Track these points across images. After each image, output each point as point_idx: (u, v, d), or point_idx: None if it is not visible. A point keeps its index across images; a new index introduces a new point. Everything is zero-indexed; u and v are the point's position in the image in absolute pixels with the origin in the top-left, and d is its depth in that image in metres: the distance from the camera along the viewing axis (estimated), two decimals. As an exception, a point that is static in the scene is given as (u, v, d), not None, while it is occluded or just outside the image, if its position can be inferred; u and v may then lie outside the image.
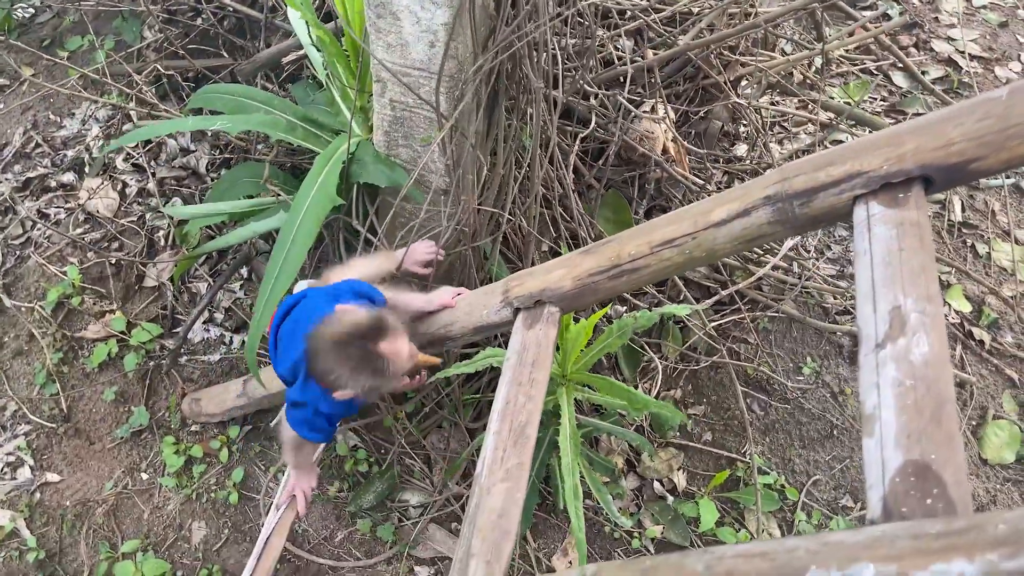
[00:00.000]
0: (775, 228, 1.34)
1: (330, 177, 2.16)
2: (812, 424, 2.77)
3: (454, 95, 1.96)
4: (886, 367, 1.05)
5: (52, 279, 2.89)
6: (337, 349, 1.55)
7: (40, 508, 2.51)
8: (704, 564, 1.02)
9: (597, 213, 2.68)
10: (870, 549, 0.91)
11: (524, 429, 1.49)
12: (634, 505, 2.64)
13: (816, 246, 3.10)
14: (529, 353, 1.60)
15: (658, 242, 1.47)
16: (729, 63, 2.81)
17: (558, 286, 1.63)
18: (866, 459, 1.03)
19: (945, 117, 1.15)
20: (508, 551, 1.36)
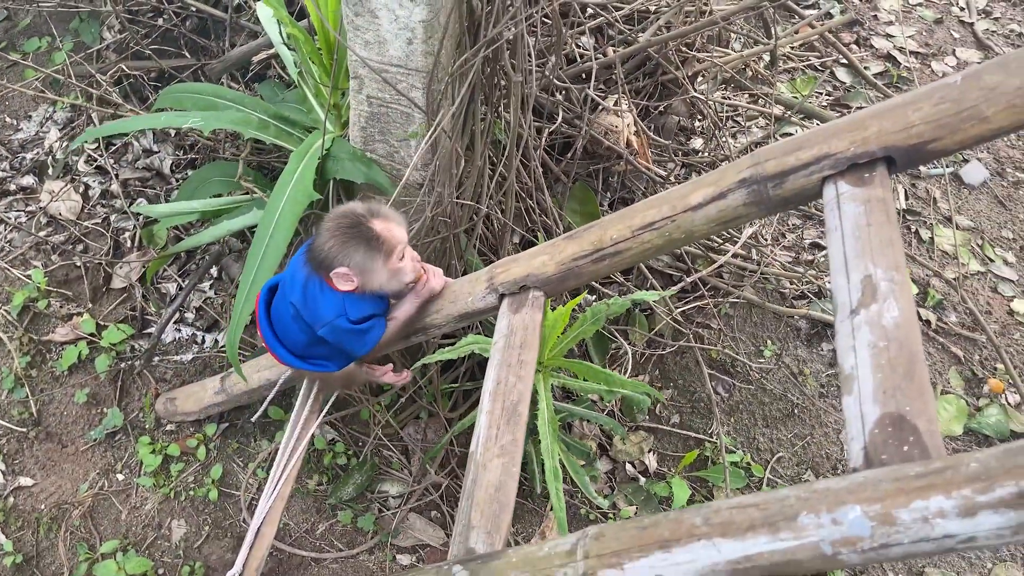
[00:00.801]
0: (750, 209, 1.43)
1: (306, 173, 2.20)
2: (774, 404, 2.90)
3: (434, 91, 2.02)
4: (861, 331, 1.15)
5: (16, 283, 2.85)
6: (333, 225, 1.67)
7: (14, 512, 2.48)
8: (702, 517, 1.11)
9: (565, 206, 2.77)
10: (855, 493, 1.00)
11: (516, 407, 1.56)
12: (608, 487, 2.72)
13: (772, 235, 3.23)
14: (517, 336, 1.67)
15: (639, 226, 1.55)
16: (687, 59, 2.92)
17: (542, 271, 1.70)
18: (847, 415, 1.12)
19: (905, 102, 1.25)
20: (507, 522, 1.42)
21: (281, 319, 1.93)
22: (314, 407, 2.08)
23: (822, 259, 3.21)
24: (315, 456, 2.64)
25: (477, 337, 2.16)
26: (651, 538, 1.14)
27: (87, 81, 3.03)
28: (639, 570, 1.13)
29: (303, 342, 1.87)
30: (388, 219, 1.70)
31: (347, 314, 1.73)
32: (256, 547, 1.86)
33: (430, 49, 1.95)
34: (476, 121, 2.23)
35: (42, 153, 3.22)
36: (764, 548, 1.04)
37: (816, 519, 1.01)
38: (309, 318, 1.78)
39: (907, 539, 0.96)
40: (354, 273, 1.68)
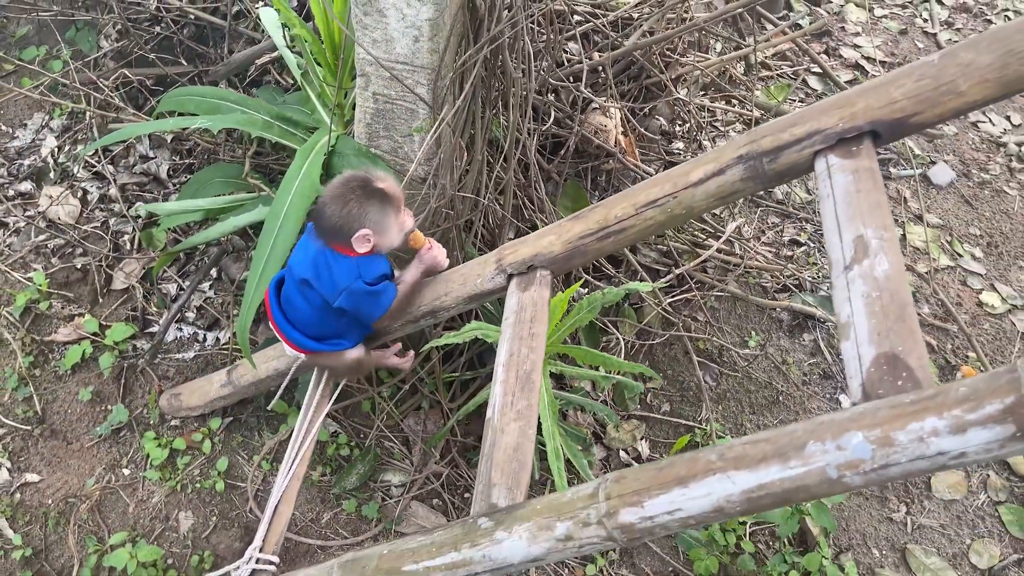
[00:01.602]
0: (747, 184, 1.54)
1: (313, 168, 2.28)
2: (760, 392, 3.01)
3: (439, 87, 2.12)
4: (855, 284, 1.26)
5: (17, 285, 2.89)
6: (343, 191, 1.77)
7: (21, 508, 2.51)
8: (717, 454, 1.21)
9: (558, 202, 2.88)
10: (856, 421, 1.11)
11: (529, 375, 1.65)
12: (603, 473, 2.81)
13: (753, 231, 3.37)
14: (527, 312, 1.76)
15: (642, 203, 1.66)
16: (670, 63, 3.06)
17: (549, 251, 1.80)
18: (845, 357, 1.23)
19: (889, 80, 1.38)
20: (526, 479, 1.51)
21: (293, 305, 2.01)
22: (325, 391, 2.15)
23: (800, 254, 3.35)
24: (318, 448, 2.70)
25: (481, 324, 2.25)
26: (669, 476, 1.23)
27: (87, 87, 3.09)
28: (658, 505, 1.22)
29: (317, 321, 1.95)
30: (386, 178, 1.84)
31: (362, 276, 1.82)
32: (274, 524, 1.92)
33: (435, 47, 2.05)
34: (476, 118, 2.34)
35: (39, 160, 3.27)
36: (776, 476, 1.14)
37: (822, 446, 1.11)
38: (325, 290, 1.86)
39: (904, 458, 1.06)
40: (372, 233, 1.78)
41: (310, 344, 1.99)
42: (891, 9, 4.75)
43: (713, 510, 1.19)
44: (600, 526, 1.27)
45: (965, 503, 2.83)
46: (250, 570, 1.82)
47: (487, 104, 2.42)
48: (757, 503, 1.16)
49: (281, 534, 1.91)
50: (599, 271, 2.95)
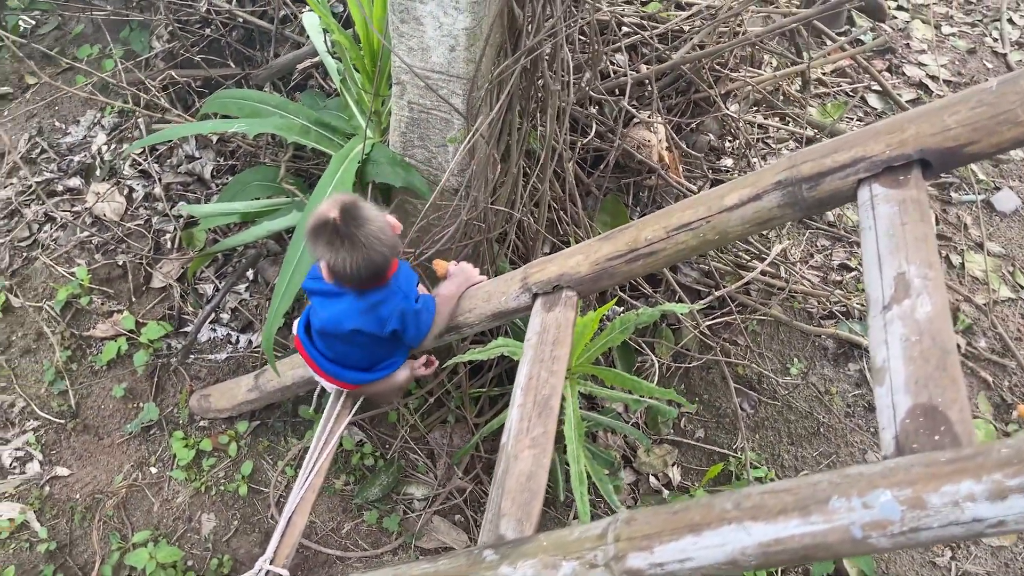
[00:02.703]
0: (784, 211, 1.46)
1: (347, 175, 2.26)
2: (800, 422, 2.89)
3: (474, 98, 2.07)
4: (893, 325, 1.17)
5: (60, 280, 2.94)
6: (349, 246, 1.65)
7: (50, 501, 2.54)
8: (733, 502, 1.13)
9: (596, 217, 2.81)
10: (887, 478, 1.02)
11: (548, 401, 1.59)
12: (631, 499, 2.73)
13: (801, 254, 3.24)
14: (549, 333, 1.70)
15: (674, 226, 1.58)
16: (719, 78, 2.97)
17: (576, 271, 1.74)
18: (878, 406, 1.14)
19: (942, 106, 1.28)
20: (537, 510, 1.45)
21: (337, 351, 1.97)
22: (346, 403, 2.12)
23: (850, 279, 3.21)
24: (343, 456, 2.68)
25: (507, 340, 2.19)
26: (682, 522, 1.16)
27: (136, 87, 3.13)
28: (669, 553, 1.15)
29: (368, 354, 1.92)
30: (332, 203, 1.68)
31: (406, 294, 1.79)
32: (287, 535, 1.89)
33: (472, 56, 2.01)
34: (512, 130, 2.29)
35: (89, 156, 3.32)
36: (795, 531, 1.06)
37: (847, 503, 1.03)
38: (377, 327, 1.82)
39: (936, 523, 0.97)
40: (391, 250, 1.73)
41: (365, 377, 1.97)
42: (959, 27, 4.56)
43: (726, 561, 1.11)
44: (607, 569, 1.20)
45: (1014, 551, 2.67)
46: (259, 583, 1.79)
47: (525, 116, 2.37)
48: (774, 558, 1.08)
49: (293, 546, 1.88)
50: (636, 289, 2.87)
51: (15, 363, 2.80)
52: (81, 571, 2.42)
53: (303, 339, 1.98)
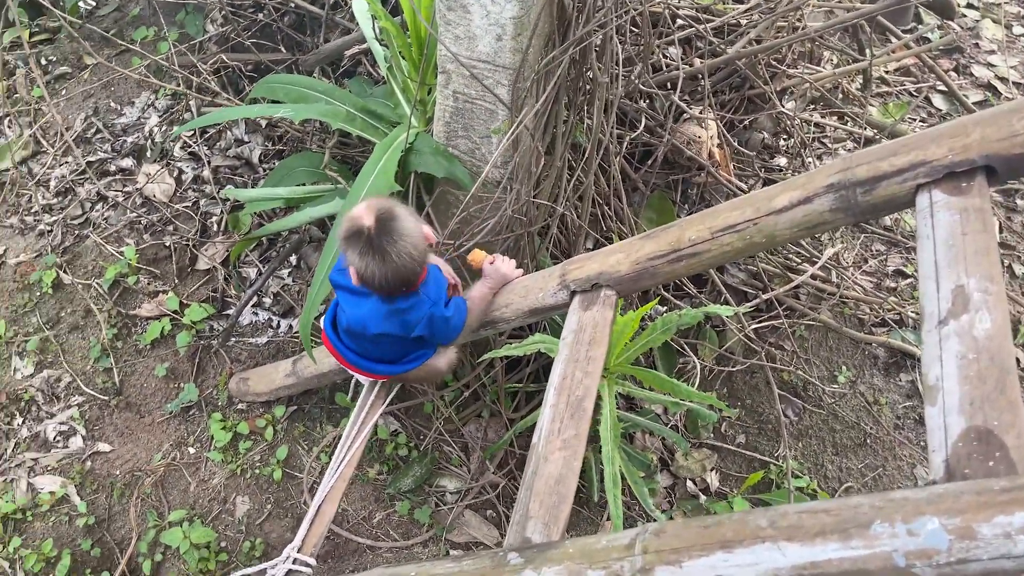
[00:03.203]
0: (836, 216, 1.39)
1: (389, 164, 2.24)
2: (846, 432, 2.80)
3: (519, 88, 2.03)
4: (949, 341, 1.10)
5: (109, 258, 2.99)
6: (368, 254, 1.61)
7: (91, 476, 2.58)
8: (768, 519, 1.08)
9: (641, 214, 2.75)
10: (934, 504, 0.96)
11: (581, 402, 1.55)
12: (667, 502, 2.68)
13: (854, 258, 3.14)
14: (586, 333, 1.66)
15: (719, 227, 1.52)
16: (776, 74, 2.88)
17: (616, 270, 1.69)
18: (928, 426, 1.07)
19: (1011, 109, 1.21)
20: (565, 515, 1.41)
21: (366, 348, 1.95)
22: (380, 393, 2.10)
23: (905, 287, 3.10)
24: (377, 445, 2.67)
25: (544, 336, 2.16)
26: (713, 537, 1.11)
27: (188, 70, 3.16)
28: (698, 569, 1.10)
29: (397, 351, 1.90)
30: (369, 207, 1.64)
31: (434, 301, 1.75)
32: (316, 524, 1.89)
33: (518, 46, 1.97)
34: (558, 122, 2.24)
35: (141, 137, 3.37)
36: (833, 555, 1.00)
37: (891, 528, 0.97)
38: (403, 331, 1.79)
39: (986, 555, 0.91)
40: (421, 261, 1.67)
41: (394, 369, 1.96)
42: (1033, 26, 4.37)
43: (759, 582, 1.06)
44: (633, 581, 1.16)
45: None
46: (286, 570, 1.79)
47: (571, 108, 2.32)
48: (809, 581, 1.03)
49: (321, 535, 1.88)
50: (679, 289, 2.80)
51: (63, 339, 2.86)
52: (118, 546, 2.46)
53: (330, 334, 1.97)
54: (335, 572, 2.45)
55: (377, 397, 2.10)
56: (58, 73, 3.65)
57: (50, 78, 3.63)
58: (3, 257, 3.03)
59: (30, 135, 3.42)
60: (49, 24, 3.71)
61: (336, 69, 3.16)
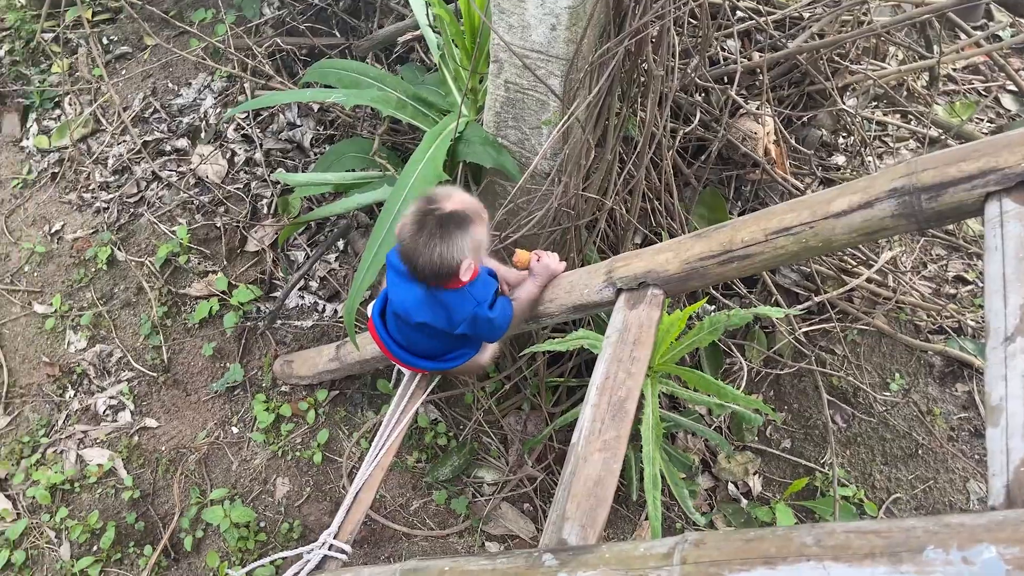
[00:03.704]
0: (898, 222, 1.33)
1: (438, 153, 2.23)
2: (896, 441, 2.72)
3: (572, 80, 2.00)
4: (1015, 360, 1.05)
5: (162, 237, 3.04)
6: (420, 233, 1.61)
7: (137, 451, 2.64)
8: (814, 537, 1.04)
9: (692, 211, 2.69)
10: (992, 532, 0.91)
11: (623, 404, 1.52)
12: (707, 505, 2.63)
13: (913, 262, 3.04)
14: (631, 332, 1.63)
15: (774, 229, 1.47)
16: (837, 70, 2.79)
17: (664, 269, 1.65)
18: (989, 448, 1.02)
19: (1092, 116, 1.14)
20: (603, 518, 1.39)
21: (410, 340, 1.94)
22: (421, 383, 2.10)
23: (966, 293, 2.99)
24: (417, 433, 2.68)
25: (588, 332, 2.12)
26: (755, 552, 1.08)
27: (244, 53, 3.19)
28: (739, 584, 1.07)
29: (440, 345, 1.89)
30: (449, 195, 1.64)
31: (479, 301, 1.73)
32: (352, 511, 1.89)
33: (573, 36, 1.93)
34: (610, 114, 2.20)
35: (197, 118, 3.42)
36: (881, 579, 0.96)
37: (944, 555, 0.93)
38: (444, 325, 1.77)
39: (1049, 590, 0.86)
40: (472, 259, 1.65)
41: (435, 366, 1.95)
42: (1115, 24, 4.16)
43: (801, 601, 1.02)
44: (670, 592, 1.13)
45: None
46: (322, 555, 1.80)
47: (625, 100, 2.28)
48: (855, 604, 0.98)
49: (357, 523, 1.88)
50: (729, 288, 2.74)
51: (116, 314, 2.92)
52: (161, 521, 2.51)
53: (377, 323, 1.96)
54: (371, 558, 2.46)
55: (418, 387, 2.10)
56: (119, 53, 3.72)
57: (111, 57, 3.70)
58: (61, 232, 3.10)
59: (90, 114, 3.49)
60: (111, 4, 3.77)
61: (389, 55, 3.16)
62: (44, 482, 2.50)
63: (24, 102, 3.58)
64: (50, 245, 3.07)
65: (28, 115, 3.55)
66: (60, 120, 3.51)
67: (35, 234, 3.10)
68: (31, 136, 3.46)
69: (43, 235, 3.09)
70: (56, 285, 2.97)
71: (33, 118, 3.53)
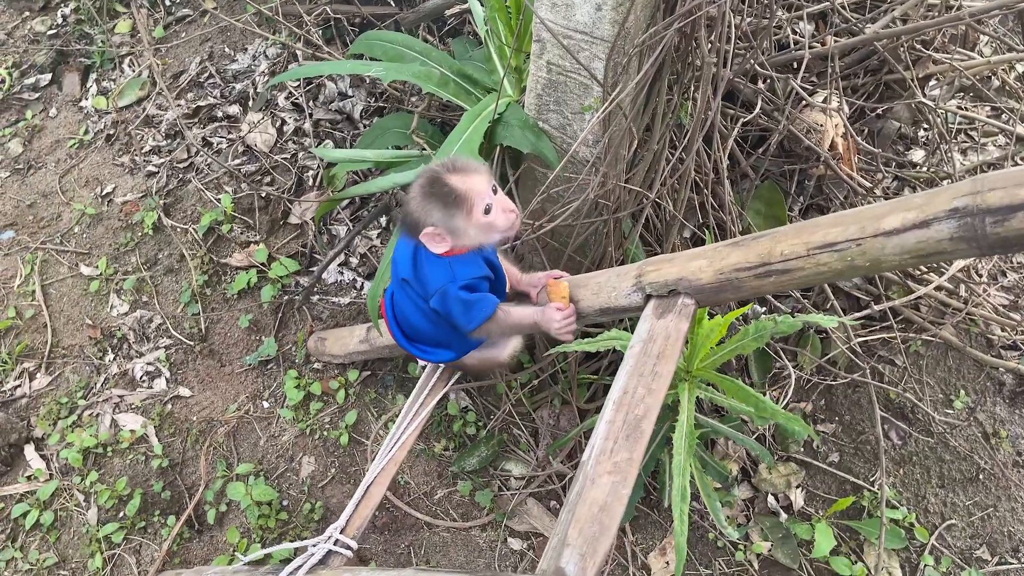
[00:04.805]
0: (957, 246, 1.18)
1: (475, 135, 2.13)
2: (956, 464, 2.53)
3: (616, 63, 1.86)
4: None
5: (207, 205, 3.03)
6: (415, 186, 1.64)
7: (170, 419, 2.65)
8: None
9: (748, 205, 2.53)
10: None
11: (640, 423, 1.41)
12: (743, 516, 2.50)
13: (990, 271, 2.80)
14: (656, 344, 1.51)
15: (817, 244, 1.33)
16: (920, 59, 2.56)
17: (696, 277, 1.53)
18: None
19: None
20: (605, 549, 1.29)
21: (400, 306, 1.91)
22: (443, 376, 2.02)
23: (1048, 308, 2.75)
24: (446, 420, 2.61)
25: (620, 333, 2.00)
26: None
27: (295, 21, 3.13)
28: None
29: (421, 324, 1.83)
30: (466, 172, 1.61)
31: (456, 278, 1.66)
32: (362, 506, 1.84)
33: (619, 17, 1.80)
34: (659, 101, 2.05)
35: (250, 85, 3.39)
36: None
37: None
38: (421, 290, 1.73)
39: None
40: (443, 231, 1.61)
41: (409, 348, 1.89)
42: None
43: None
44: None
45: None
46: (327, 550, 1.75)
47: (677, 87, 2.12)
48: None
49: (366, 518, 1.83)
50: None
51: (158, 280, 2.93)
52: (187, 492, 2.52)
53: (388, 308, 1.91)
54: (390, 545, 2.42)
55: (440, 380, 2.02)
56: (180, 15, 3.71)
57: (172, 20, 3.70)
58: (112, 195, 3.12)
59: (148, 76, 3.50)
60: (173, -34, 3.76)
61: (442, 27, 3.05)
62: (78, 444, 2.53)
63: (86, 62, 3.61)
64: (100, 207, 3.09)
65: (89, 75, 3.59)
66: (119, 82, 3.53)
67: (87, 195, 3.13)
68: (90, 96, 3.49)
69: (94, 196, 3.12)
70: (103, 248, 3.00)
71: (93, 78, 3.57)
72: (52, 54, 3.63)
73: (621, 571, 2.42)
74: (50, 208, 3.12)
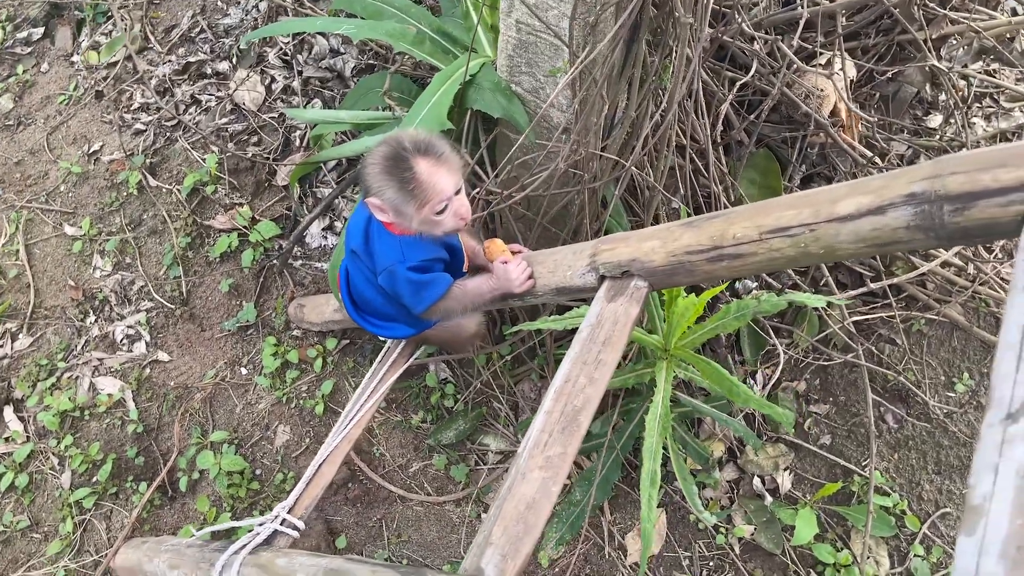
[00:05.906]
0: (913, 235, 1.06)
1: (444, 98, 2.02)
2: (954, 450, 2.40)
3: (588, 21, 1.73)
4: (1013, 448, 0.79)
5: (193, 165, 2.96)
6: (380, 150, 1.51)
7: (147, 384, 2.62)
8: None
9: (741, 174, 2.39)
10: None
11: (577, 415, 1.32)
12: (727, 498, 2.42)
13: (999, 248, 2.64)
14: (603, 329, 1.41)
15: (769, 228, 1.22)
16: (934, 18, 2.38)
17: (649, 259, 1.42)
18: (957, 564, 0.78)
19: None
20: (527, 549, 1.21)
21: (352, 277, 1.84)
22: (404, 351, 1.95)
23: (1065, 288, 2.58)
24: (424, 392, 2.55)
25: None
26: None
27: (282, -27, 3.01)
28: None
29: (371, 298, 1.76)
30: (437, 162, 1.47)
31: (405, 259, 1.57)
32: (312, 485, 1.79)
33: (587, -28, 1.66)
34: (636, 62, 1.92)
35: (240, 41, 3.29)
36: None
37: None
38: (370, 264, 1.64)
39: None
40: (388, 209, 1.51)
41: (360, 321, 1.81)
42: None
43: None
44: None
45: None
46: (272, 529, 1.70)
47: (659, 48, 1.99)
48: None
49: (315, 497, 1.78)
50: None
51: (142, 242, 2.88)
52: (162, 458, 2.50)
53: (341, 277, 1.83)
54: (362, 517, 2.38)
55: (401, 355, 1.95)
56: (172, -32, 3.61)
57: (164, -28, 3.60)
58: (99, 153, 3.07)
59: (140, 31, 3.42)
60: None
61: (433, -19, 2.91)
62: (55, 407, 2.52)
63: (79, 15, 3.54)
64: (87, 166, 3.04)
65: (81, 29, 3.52)
66: (111, 36, 3.46)
67: (74, 153, 3.08)
68: (81, 51, 3.43)
69: (82, 155, 3.07)
70: (88, 207, 2.96)
71: (85, 32, 3.50)
72: (45, 6, 3.56)
73: (597, 551, 2.36)
74: (37, 166, 3.08)
